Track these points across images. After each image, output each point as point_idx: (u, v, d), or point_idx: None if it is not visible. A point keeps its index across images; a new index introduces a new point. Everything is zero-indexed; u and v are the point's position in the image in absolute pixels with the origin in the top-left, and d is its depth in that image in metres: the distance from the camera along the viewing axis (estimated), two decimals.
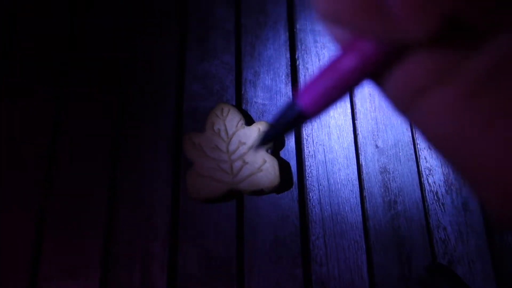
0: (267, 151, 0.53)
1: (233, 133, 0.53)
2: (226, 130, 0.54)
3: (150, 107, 0.58)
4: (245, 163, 0.52)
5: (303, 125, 0.30)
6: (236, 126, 0.54)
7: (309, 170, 0.55)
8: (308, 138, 0.57)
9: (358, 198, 0.54)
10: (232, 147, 0.53)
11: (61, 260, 0.51)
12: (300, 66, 0.61)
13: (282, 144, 0.56)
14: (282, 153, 0.56)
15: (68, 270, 0.50)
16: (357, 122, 0.58)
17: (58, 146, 0.56)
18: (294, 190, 0.54)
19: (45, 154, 0.55)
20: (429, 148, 0.56)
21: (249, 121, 0.56)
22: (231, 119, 0.54)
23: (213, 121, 0.55)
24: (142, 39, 0.62)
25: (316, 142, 0.56)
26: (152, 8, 0.64)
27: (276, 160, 0.52)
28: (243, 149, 0.53)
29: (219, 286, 0.50)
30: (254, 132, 0.54)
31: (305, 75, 0.60)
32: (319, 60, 0.61)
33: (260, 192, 0.52)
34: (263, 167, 0.51)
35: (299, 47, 0.62)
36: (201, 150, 0.53)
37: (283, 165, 0.54)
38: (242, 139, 0.53)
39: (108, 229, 0.52)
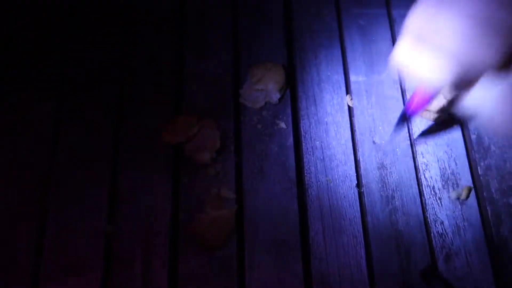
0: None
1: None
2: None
3: (149, 105, 0.58)
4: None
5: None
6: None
7: (308, 166, 0.56)
8: (306, 135, 0.57)
9: (356, 194, 0.54)
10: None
11: (62, 258, 0.51)
12: (297, 64, 0.61)
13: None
14: (280, 151, 0.56)
15: (69, 268, 0.51)
16: (354, 119, 0.58)
17: (58, 145, 0.56)
18: (293, 187, 0.54)
19: (45, 153, 0.55)
20: (425, 143, 0.57)
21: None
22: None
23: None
24: (141, 39, 0.62)
25: (314, 139, 0.57)
26: (150, 8, 0.64)
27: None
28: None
29: (219, 282, 0.50)
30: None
31: (302, 73, 0.61)
32: (315, 58, 0.62)
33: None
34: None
35: (296, 45, 0.63)
36: None
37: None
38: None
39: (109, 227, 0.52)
